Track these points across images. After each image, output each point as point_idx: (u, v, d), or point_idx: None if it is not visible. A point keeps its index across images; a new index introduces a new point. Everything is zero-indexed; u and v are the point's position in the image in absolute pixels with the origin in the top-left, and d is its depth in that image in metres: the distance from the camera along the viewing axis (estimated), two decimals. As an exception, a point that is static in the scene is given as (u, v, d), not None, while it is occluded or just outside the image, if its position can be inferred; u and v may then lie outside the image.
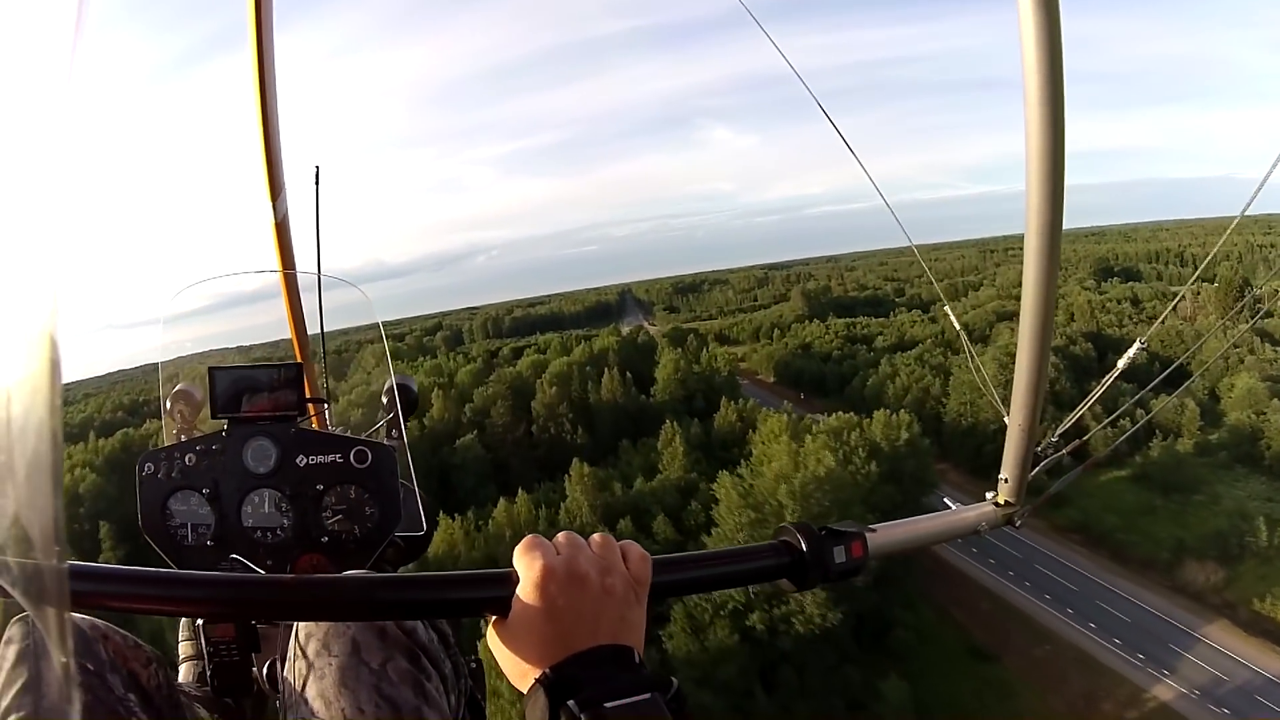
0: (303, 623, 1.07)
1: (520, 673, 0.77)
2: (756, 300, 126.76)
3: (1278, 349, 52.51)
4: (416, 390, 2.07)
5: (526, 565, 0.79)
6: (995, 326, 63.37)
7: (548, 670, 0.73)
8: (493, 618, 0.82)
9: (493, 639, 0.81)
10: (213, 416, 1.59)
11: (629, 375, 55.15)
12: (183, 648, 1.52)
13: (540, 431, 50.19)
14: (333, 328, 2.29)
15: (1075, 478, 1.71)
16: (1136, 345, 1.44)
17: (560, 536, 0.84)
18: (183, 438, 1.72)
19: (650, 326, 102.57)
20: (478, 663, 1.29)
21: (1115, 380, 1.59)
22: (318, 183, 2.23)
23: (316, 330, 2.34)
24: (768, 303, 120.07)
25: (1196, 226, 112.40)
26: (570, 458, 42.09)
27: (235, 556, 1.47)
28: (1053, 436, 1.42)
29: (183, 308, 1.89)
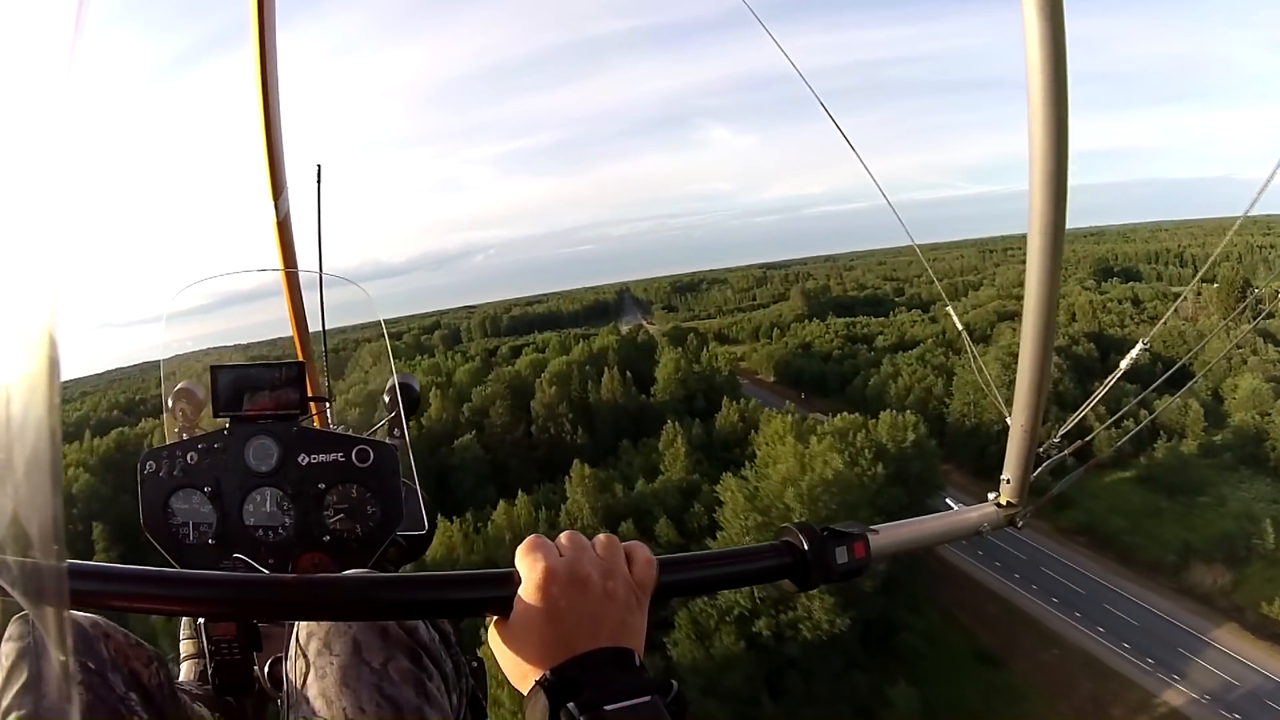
0: (304, 622, 1.08)
1: (520, 674, 0.78)
2: (755, 299, 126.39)
3: (1280, 350, 52.43)
4: (419, 389, 2.08)
5: (529, 566, 0.79)
6: (996, 326, 63.13)
7: (548, 672, 0.74)
8: (494, 618, 0.82)
9: (494, 639, 0.81)
10: (214, 415, 1.60)
11: (629, 375, 54.82)
12: (184, 646, 1.53)
13: (540, 432, 49.88)
14: (334, 326, 2.29)
15: (1078, 478, 1.72)
16: (1140, 346, 1.45)
17: (563, 537, 0.84)
18: (184, 436, 1.73)
19: (650, 326, 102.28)
20: (479, 662, 1.30)
21: (1118, 381, 1.60)
22: (319, 182, 2.23)
23: (318, 328, 2.34)
24: (767, 302, 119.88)
25: (1196, 227, 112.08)
26: (570, 458, 41.86)
27: (237, 555, 1.48)
28: (1055, 437, 1.43)
29: (183, 306, 1.90)
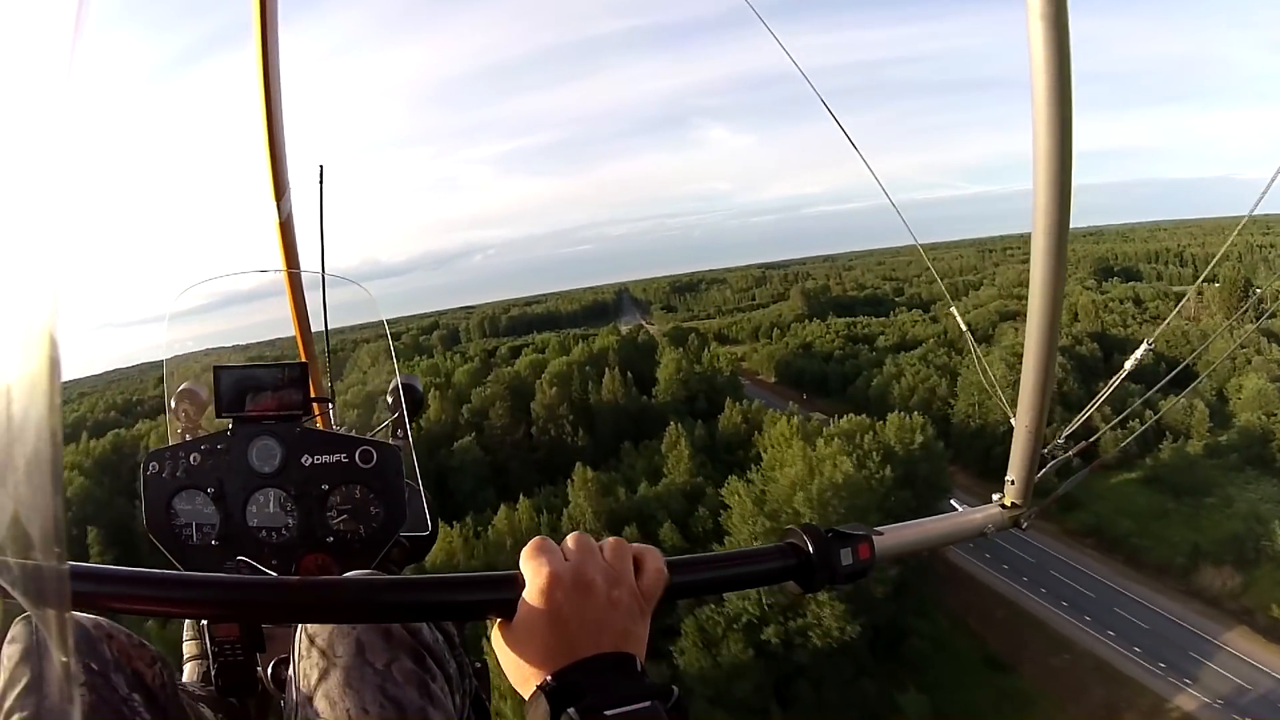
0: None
1: (522, 677, 0.79)
2: (755, 299, 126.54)
3: (1285, 350, 52.15)
4: (422, 390, 2.09)
5: (534, 570, 0.80)
6: (998, 326, 63.11)
7: (549, 677, 0.74)
8: (497, 620, 0.83)
9: (497, 641, 0.82)
10: (217, 416, 1.60)
11: (629, 375, 54.63)
12: (187, 647, 1.53)
13: (540, 433, 49.62)
14: (336, 326, 2.32)
15: (1082, 479, 1.73)
16: (1144, 346, 1.46)
17: (570, 540, 0.84)
18: (187, 437, 1.74)
19: (650, 326, 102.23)
20: (483, 663, 1.30)
21: (1122, 381, 1.61)
22: (321, 182, 2.25)
23: (320, 328, 2.36)
24: (766, 302, 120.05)
25: (1195, 227, 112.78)
26: (571, 460, 41.72)
27: (241, 557, 1.48)
28: (1059, 438, 1.44)
29: (185, 306, 1.92)
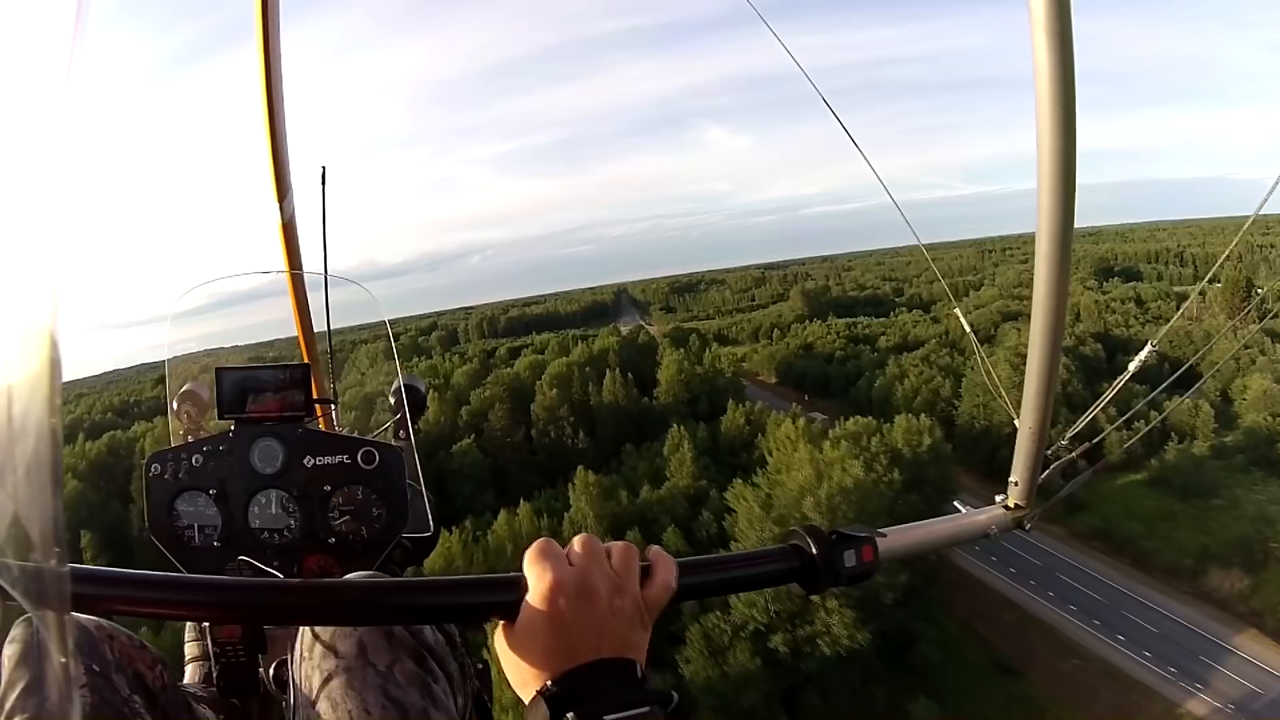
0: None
1: (522, 680, 0.80)
2: (754, 300, 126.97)
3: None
4: (424, 391, 2.10)
5: (537, 575, 0.80)
6: (1000, 327, 63.03)
7: (549, 681, 0.76)
8: (500, 622, 0.84)
9: (499, 643, 0.83)
10: (219, 417, 1.62)
11: (630, 377, 54.44)
12: (189, 648, 1.55)
13: (540, 435, 49.39)
14: (338, 327, 2.31)
15: (1086, 480, 1.74)
16: (1148, 347, 1.47)
17: (576, 544, 0.84)
18: (189, 438, 1.75)
19: (650, 327, 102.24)
20: (485, 664, 1.32)
21: (1127, 382, 1.62)
22: (324, 183, 2.25)
23: (321, 329, 2.37)
24: (766, 302, 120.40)
25: (1194, 227, 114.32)
26: (571, 463, 41.57)
27: (243, 558, 1.49)
28: (1063, 439, 1.44)
29: (186, 306, 1.93)
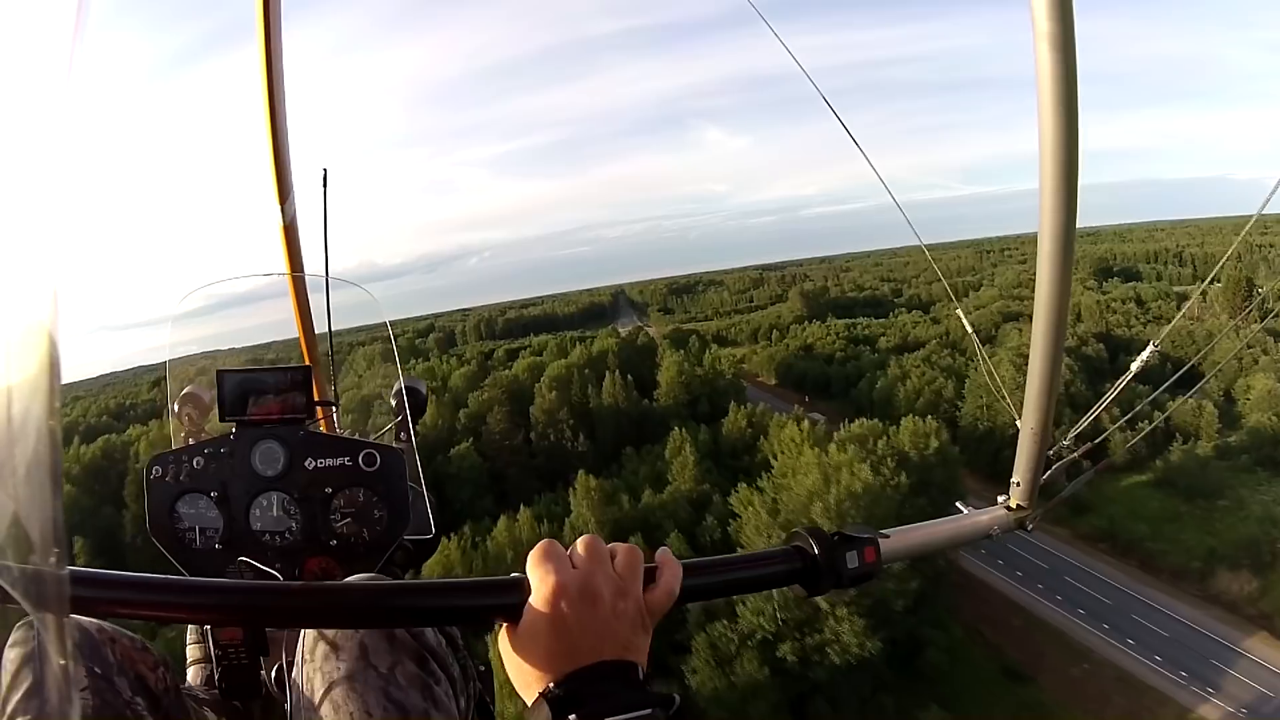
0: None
1: (525, 682, 0.81)
2: (753, 301, 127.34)
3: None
4: (426, 392, 2.11)
5: (540, 578, 0.81)
6: (1001, 327, 63.19)
7: (552, 684, 0.77)
8: (504, 624, 0.85)
9: (503, 644, 0.84)
10: (221, 419, 1.63)
11: (630, 378, 54.28)
12: (190, 650, 1.56)
13: (539, 439, 49.21)
14: (338, 329, 2.30)
15: (1088, 480, 1.75)
16: (1150, 347, 1.49)
17: (580, 546, 0.85)
18: (190, 440, 1.76)
19: (649, 328, 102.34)
20: (486, 666, 1.34)
21: (1129, 382, 1.64)
22: (325, 185, 2.25)
23: (322, 331, 2.37)
24: (764, 303, 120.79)
25: (1192, 227, 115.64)
26: (571, 466, 41.50)
27: (244, 560, 1.50)
28: (1064, 440, 1.46)
29: (186, 308, 1.94)
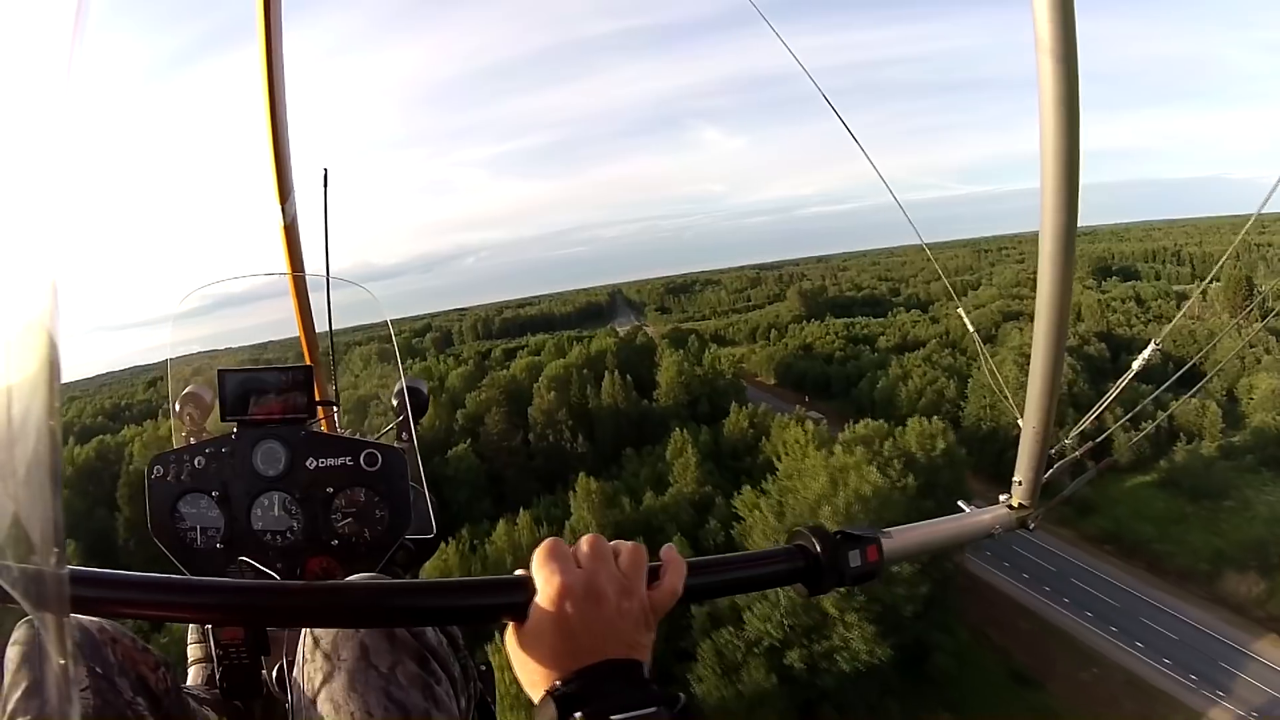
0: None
1: (532, 680, 0.83)
2: (750, 301, 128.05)
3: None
4: (427, 392, 2.11)
5: (545, 578, 0.83)
6: (1001, 327, 63.33)
7: (558, 682, 0.79)
8: (510, 622, 0.86)
9: (510, 643, 0.86)
10: (222, 419, 1.63)
11: (629, 379, 54.10)
12: (191, 650, 1.56)
13: (538, 440, 48.99)
14: (339, 329, 2.31)
15: (1090, 479, 1.75)
16: (1152, 346, 1.50)
17: (584, 545, 0.86)
18: (192, 440, 1.76)
19: (647, 328, 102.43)
20: (487, 665, 1.35)
21: (1131, 381, 1.64)
22: (326, 185, 2.25)
23: (322, 330, 2.37)
24: (762, 303, 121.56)
25: (1190, 226, 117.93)
26: (571, 468, 41.42)
27: (245, 560, 1.50)
28: (1066, 439, 1.47)
29: (187, 307, 1.95)
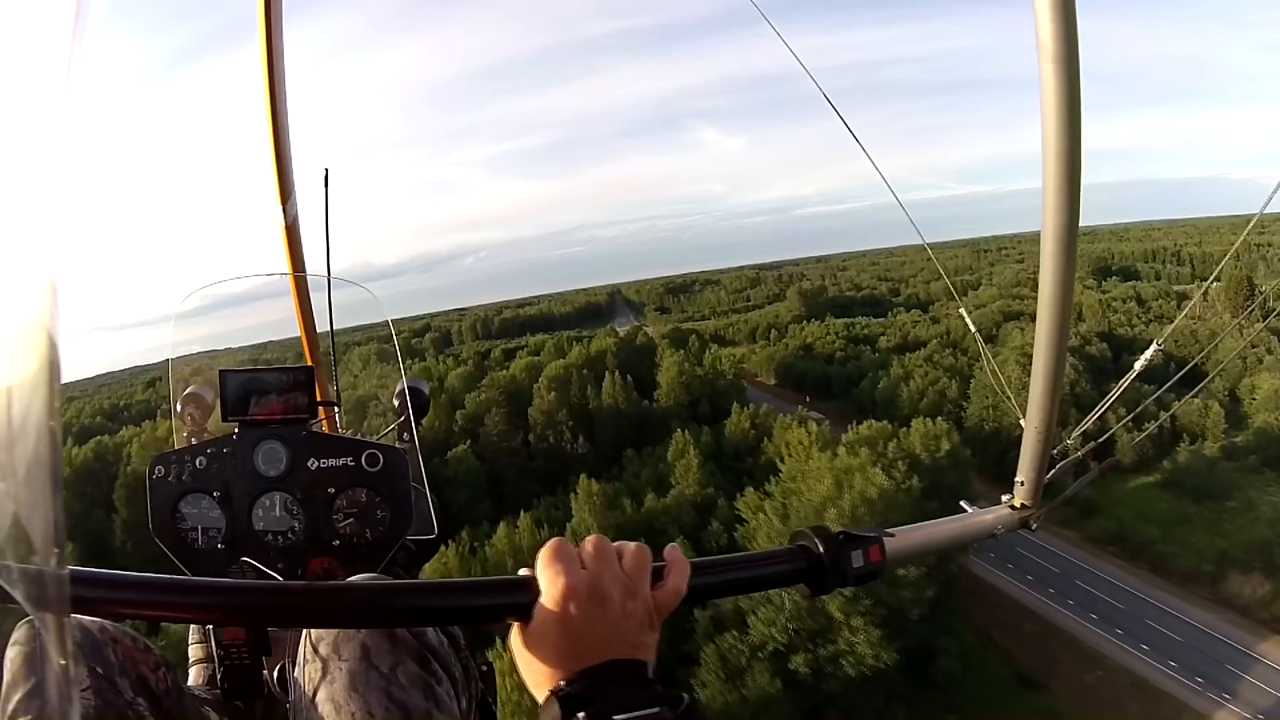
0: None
1: (536, 680, 0.84)
2: (750, 300, 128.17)
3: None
4: (428, 393, 2.13)
5: (550, 579, 0.83)
6: (1002, 327, 63.25)
7: (562, 682, 0.80)
8: (515, 621, 0.87)
9: (515, 642, 0.86)
10: (223, 419, 1.64)
11: (629, 379, 53.98)
12: (193, 650, 1.57)
13: (538, 441, 48.86)
14: (340, 329, 2.31)
15: (1092, 480, 1.75)
16: (1154, 346, 1.50)
17: (589, 545, 0.87)
18: (193, 440, 1.77)
19: (647, 328, 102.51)
20: (488, 666, 1.35)
21: (1133, 381, 1.65)
22: (327, 185, 2.26)
23: (325, 331, 2.36)
24: (761, 303, 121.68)
25: (1189, 226, 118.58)
26: (571, 469, 41.35)
27: (246, 560, 1.51)
28: (1068, 439, 1.47)
29: (188, 307, 1.96)
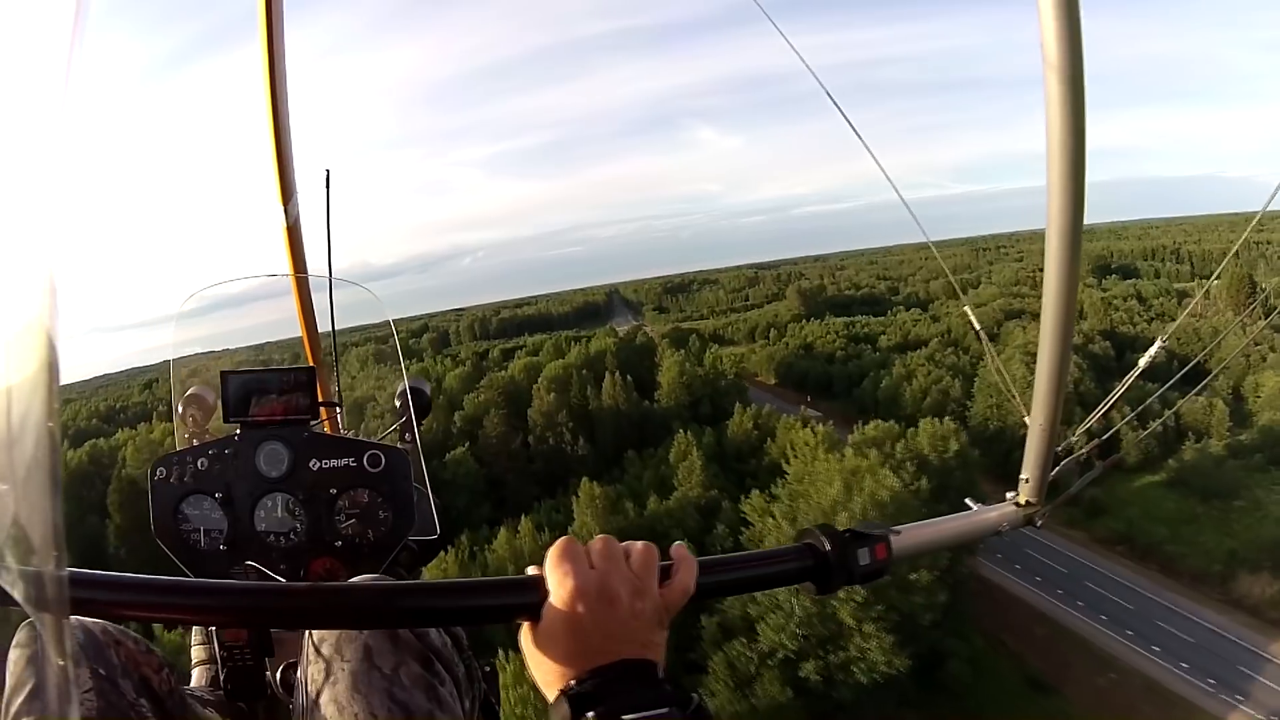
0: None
1: (546, 680, 0.84)
2: (749, 300, 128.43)
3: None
4: (429, 393, 2.14)
5: (558, 580, 0.84)
6: (1004, 325, 63.12)
7: (572, 681, 0.80)
8: (525, 621, 0.88)
9: (525, 642, 0.87)
10: (225, 420, 1.65)
11: (629, 379, 53.85)
12: (195, 652, 1.58)
13: (538, 442, 48.73)
14: (341, 329, 2.33)
15: (1097, 476, 1.75)
16: (1158, 344, 1.50)
17: (597, 545, 0.88)
18: (195, 442, 1.78)
19: (647, 327, 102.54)
20: (491, 666, 1.36)
21: (1136, 379, 1.65)
22: (328, 186, 2.28)
23: (326, 331, 2.38)
24: (760, 302, 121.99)
25: (1187, 224, 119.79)
26: (571, 471, 41.30)
27: (249, 562, 1.53)
28: (1072, 436, 1.47)
29: (189, 308, 1.98)
